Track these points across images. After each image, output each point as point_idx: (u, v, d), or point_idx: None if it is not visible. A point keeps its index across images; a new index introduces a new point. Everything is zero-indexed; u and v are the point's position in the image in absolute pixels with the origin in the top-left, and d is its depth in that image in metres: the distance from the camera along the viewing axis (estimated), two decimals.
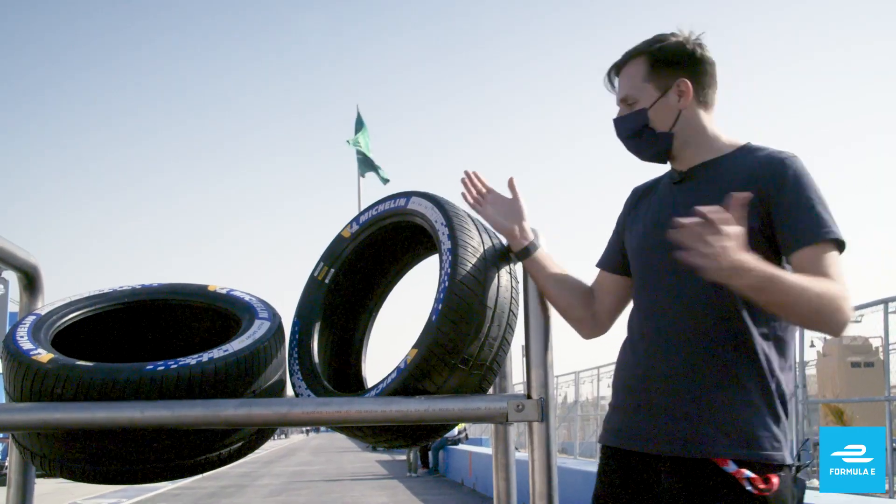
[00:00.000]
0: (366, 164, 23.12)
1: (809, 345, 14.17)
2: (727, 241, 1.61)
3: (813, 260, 1.80)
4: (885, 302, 10.87)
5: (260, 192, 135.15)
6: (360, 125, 23.01)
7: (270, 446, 43.92)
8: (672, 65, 2.04)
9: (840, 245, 1.83)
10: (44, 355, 2.20)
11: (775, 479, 1.76)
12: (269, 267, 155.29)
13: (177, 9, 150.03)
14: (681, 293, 1.92)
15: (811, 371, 15.00)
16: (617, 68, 2.11)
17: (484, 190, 2.33)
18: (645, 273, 2.05)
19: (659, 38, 2.07)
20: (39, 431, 2.24)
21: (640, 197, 2.19)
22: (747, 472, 1.75)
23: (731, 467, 1.76)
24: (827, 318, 1.75)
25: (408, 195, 2.55)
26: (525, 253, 2.19)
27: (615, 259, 2.21)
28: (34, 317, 2.46)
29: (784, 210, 1.84)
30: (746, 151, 1.99)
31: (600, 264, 2.26)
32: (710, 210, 1.63)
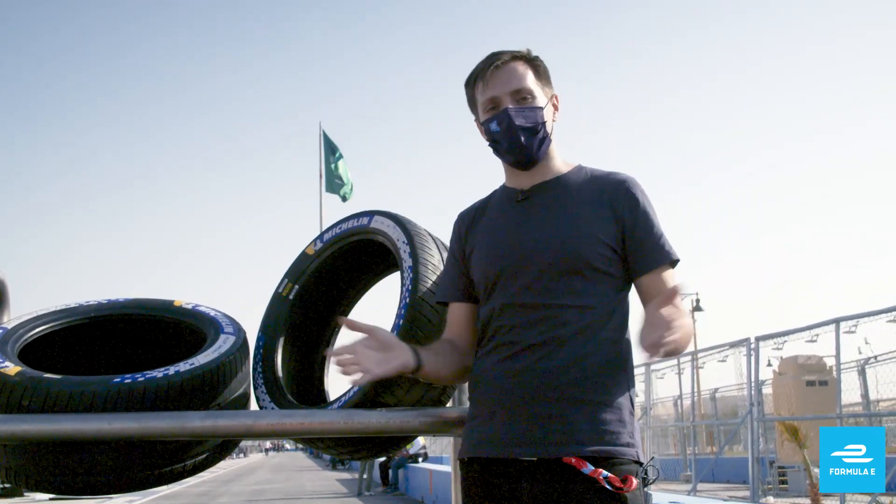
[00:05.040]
0: (335, 182, 22.92)
1: (766, 364, 14.34)
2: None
3: (658, 282, 1.93)
4: (837, 322, 11.11)
5: (225, 209, 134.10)
6: (331, 148, 22.84)
7: (229, 465, 43.25)
8: (547, 78, 2.04)
9: (675, 263, 1.97)
10: (11, 368, 2.23)
11: (634, 480, 1.78)
12: (235, 283, 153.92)
13: (140, 23, 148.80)
14: (538, 302, 1.89)
15: (767, 390, 15.12)
16: (502, 62, 1.99)
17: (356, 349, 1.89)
18: (500, 284, 1.95)
19: (530, 53, 2.04)
20: (6, 443, 2.26)
21: (473, 221, 2.10)
22: (605, 472, 1.76)
23: (588, 468, 1.77)
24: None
25: (371, 214, 2.63)
26: (419, 367, 1.96)
27: (465, 286, 2.08)
28: (1, 330, 2.49)
29: (636, 235, 1.94)
30: (581, 171, 2.03)
31: (450, 297, 2.12)
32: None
